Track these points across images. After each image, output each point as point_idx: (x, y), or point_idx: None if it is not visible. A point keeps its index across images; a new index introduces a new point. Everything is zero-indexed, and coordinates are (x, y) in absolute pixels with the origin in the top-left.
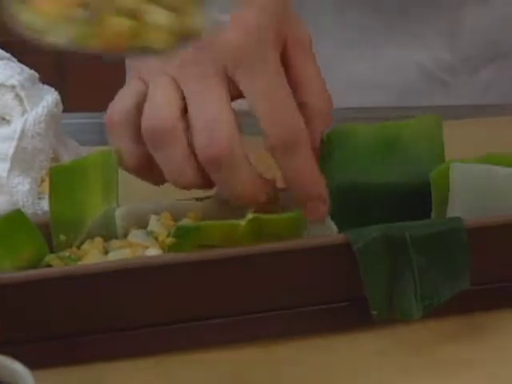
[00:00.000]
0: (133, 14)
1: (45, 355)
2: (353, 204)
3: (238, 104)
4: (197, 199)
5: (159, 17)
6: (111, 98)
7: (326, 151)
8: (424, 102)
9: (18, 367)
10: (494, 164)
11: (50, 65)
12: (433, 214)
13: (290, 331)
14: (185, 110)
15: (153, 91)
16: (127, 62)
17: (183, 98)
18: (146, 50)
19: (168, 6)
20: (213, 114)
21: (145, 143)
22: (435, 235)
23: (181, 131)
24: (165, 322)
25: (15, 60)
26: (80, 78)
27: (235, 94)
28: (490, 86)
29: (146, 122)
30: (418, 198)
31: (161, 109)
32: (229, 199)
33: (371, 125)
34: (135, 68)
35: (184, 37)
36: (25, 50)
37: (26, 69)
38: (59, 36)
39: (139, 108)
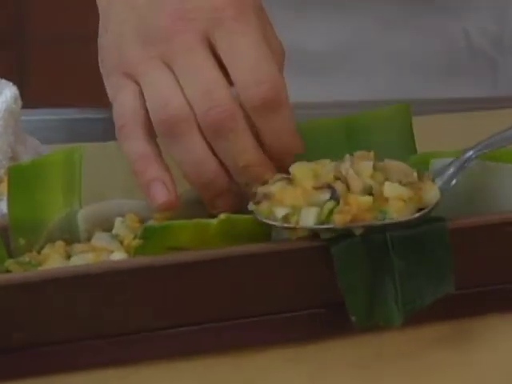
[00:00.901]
0: (370, 190)
1: (6, 367)
2: None
3: None
4: None
5: (395, 191)
6: (73, 93)
7: None
8: (470, 84)
9: None
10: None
11: (8, 58)
12: None
13: (263, 339)
14: None
15: (149, 83)
16: (100, 57)
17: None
18: (384, 219)
19: (400, 182)
20: (208, 84)
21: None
22: (417, 236)
23: (195, 118)
24: (132, 330)
25: None
26: (40, 72)
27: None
28: None
29: (158, 115)
30: None
31: (168, 99)
32: (235, 175)
33: (336, 118)
34: (113, 63)
35: (419, 205)
36: None
37: None
38: (304, 220)
39: (145, 107)
